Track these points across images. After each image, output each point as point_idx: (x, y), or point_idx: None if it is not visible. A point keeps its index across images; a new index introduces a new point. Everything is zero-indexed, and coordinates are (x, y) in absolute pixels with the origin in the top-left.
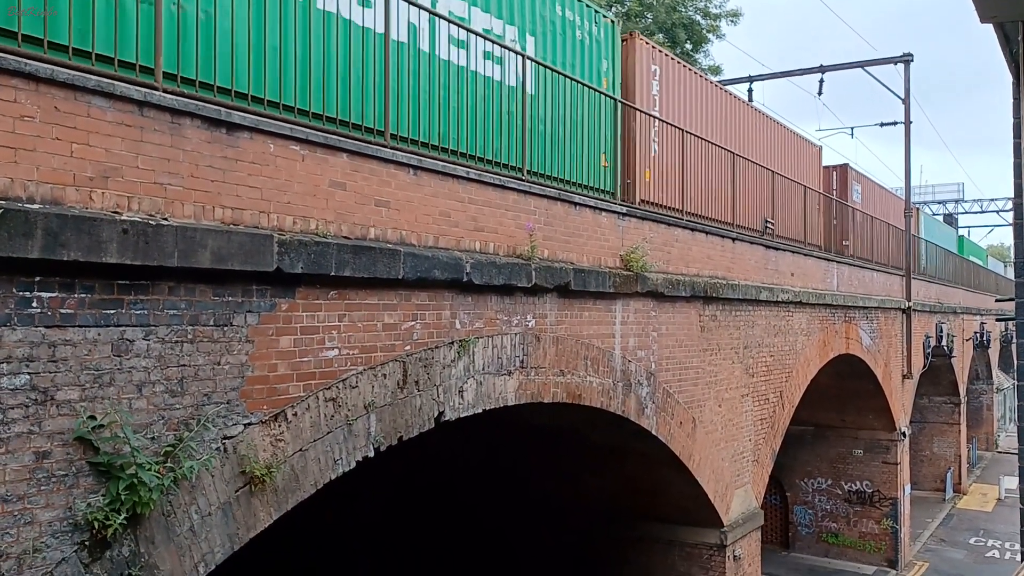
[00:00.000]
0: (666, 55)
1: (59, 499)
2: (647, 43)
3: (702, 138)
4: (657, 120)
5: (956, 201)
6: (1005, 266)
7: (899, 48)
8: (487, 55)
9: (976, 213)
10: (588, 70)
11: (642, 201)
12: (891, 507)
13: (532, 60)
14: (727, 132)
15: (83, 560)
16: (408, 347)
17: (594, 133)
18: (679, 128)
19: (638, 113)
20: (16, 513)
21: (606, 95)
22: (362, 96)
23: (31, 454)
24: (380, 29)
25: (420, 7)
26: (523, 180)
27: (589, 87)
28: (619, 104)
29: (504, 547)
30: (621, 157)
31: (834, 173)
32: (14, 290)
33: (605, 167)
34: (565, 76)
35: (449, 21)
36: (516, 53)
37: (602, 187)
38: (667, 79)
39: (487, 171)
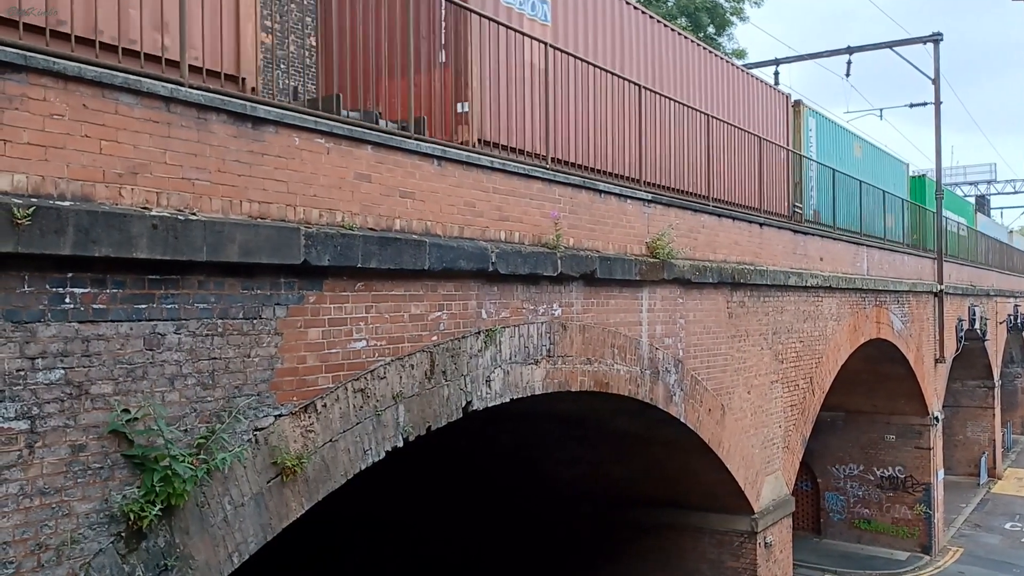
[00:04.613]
0: None
1: (95, 491)
2: None
3: None
4: None
5: (988, 182)
6: (1010, 232)
7: (928, 27)
8: None
9: (1009, 194)
10: None
11: None
12: (924, 492)
13: None
14: None
15: (120, 551)
16: (435, 337)
17: None
18: None
19: None
20: (54, 505)
21: None
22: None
23: (67, 447)
24: None
25: None
26: (547, 168)
27: None
28: None
29: (525, 533)
30: None
31: None
32: (47, 286)
33: None
34: None
35: None
36: None
37: None
38: None
39: (511, 160)
